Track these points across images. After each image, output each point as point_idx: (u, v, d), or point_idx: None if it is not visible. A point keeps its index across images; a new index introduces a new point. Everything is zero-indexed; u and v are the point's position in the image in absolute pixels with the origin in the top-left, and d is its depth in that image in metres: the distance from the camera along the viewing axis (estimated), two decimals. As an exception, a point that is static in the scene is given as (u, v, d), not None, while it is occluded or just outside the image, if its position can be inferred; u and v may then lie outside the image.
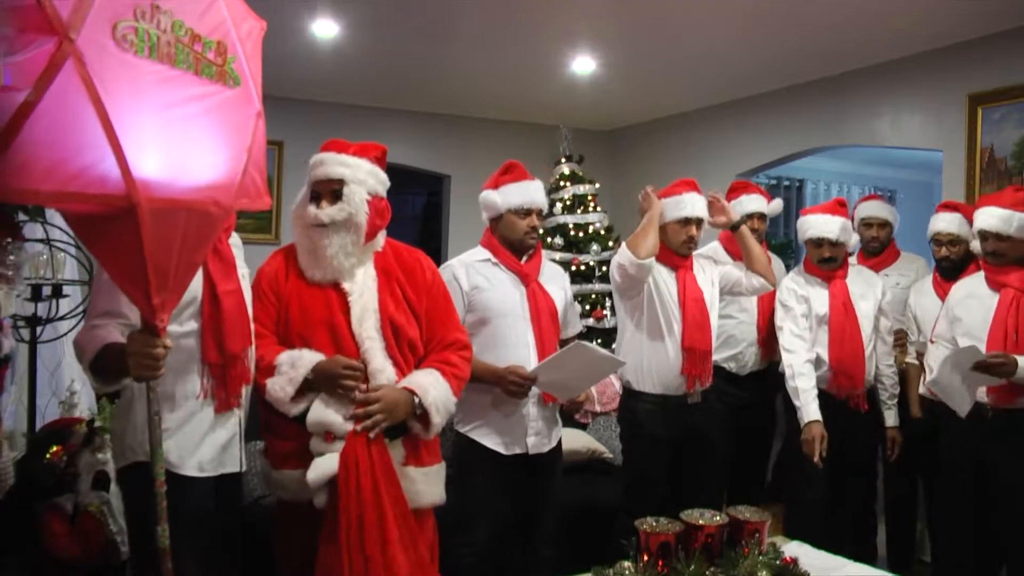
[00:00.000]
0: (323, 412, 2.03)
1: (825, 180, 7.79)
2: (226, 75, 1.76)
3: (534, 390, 2.65)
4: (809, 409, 3.07)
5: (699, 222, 3.01)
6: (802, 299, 3.25)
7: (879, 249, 3.69)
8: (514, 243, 2.74)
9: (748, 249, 3.17)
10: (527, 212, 2.72)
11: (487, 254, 2.75)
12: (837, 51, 4.40)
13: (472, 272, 2.71)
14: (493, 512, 2.64)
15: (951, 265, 3.32)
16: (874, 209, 3.70)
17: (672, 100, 5.78)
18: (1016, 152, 3.86)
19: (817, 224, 3.22)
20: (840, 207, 3.28)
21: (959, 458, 2.97)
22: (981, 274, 3.03)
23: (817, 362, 3.21)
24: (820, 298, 3.26)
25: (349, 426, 2.01)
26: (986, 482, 2.88)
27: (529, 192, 2.73)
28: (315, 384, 2.05)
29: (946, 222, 3.32)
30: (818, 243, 3.24)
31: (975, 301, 2.96)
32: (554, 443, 2.77)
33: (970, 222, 3.20)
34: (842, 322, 3.20)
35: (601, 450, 4.04)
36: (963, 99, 4.08)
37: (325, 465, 1.98)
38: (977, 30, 3.95)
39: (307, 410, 2.03)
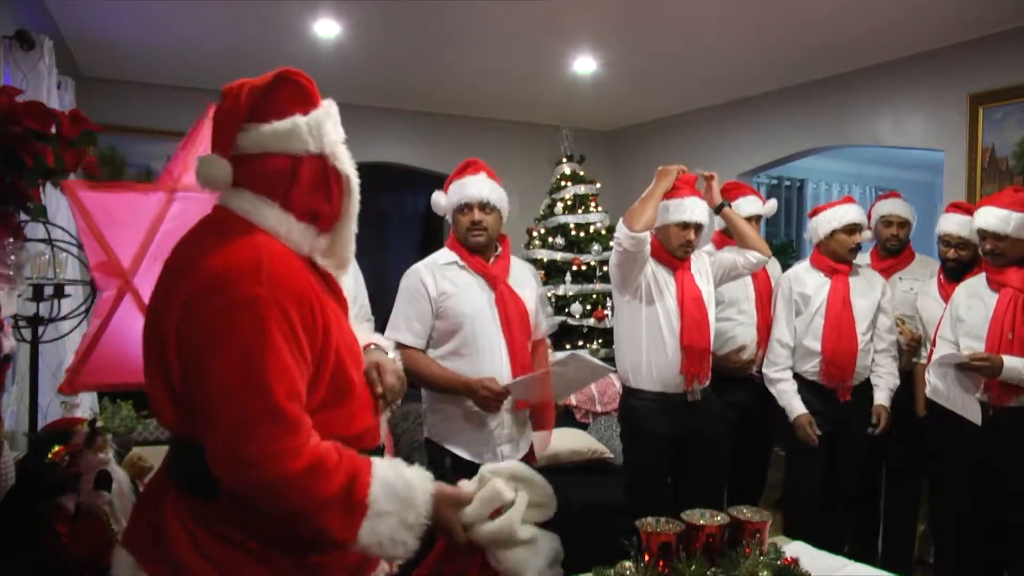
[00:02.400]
0: None
1: (826, 180, 7.79)
2: None
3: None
4: (793, 405, 3.27)
5: (698, 227, 3.02)
6: (795, 302, 3.35)
7: (897, 248, 3.65)
8: (460, 242, 2.67)
9: (736, 228, 3.20)
10: (468, 207, 2.62)
11: (453, 256, 2.67)
12: (838, 51, 4.40)
13: (439, 276, 2.62)
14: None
15: (957, 267, 3.31)
16: (895, 207, 3.66)
17: (673, 100, 5.79)
18: (1017, 152, 3.86)
19: (851, 212, 3.32)
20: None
21: (963, 458, 2.97)
22: (983, 274, 3.05)
23: (810, 353, 3.29)
24: (821, 291, 3.32)
25: None
26: (991, 481, 2.89)
27: (465, 187, 2.63)
28: None
29: (956, 224, 3.27)
30: (852, 230, 3.31)
31: (977, 301, 2.99)
32: (526, 449, 2.73)
33: None
34: (839, 315, 3.26)
35: (601, 450, 4.04)
36: (964, 99, 4.09)
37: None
38: (978, 30, 3.96)
39: None
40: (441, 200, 2.71)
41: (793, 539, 2.49)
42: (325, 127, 1.37)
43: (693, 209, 2.98)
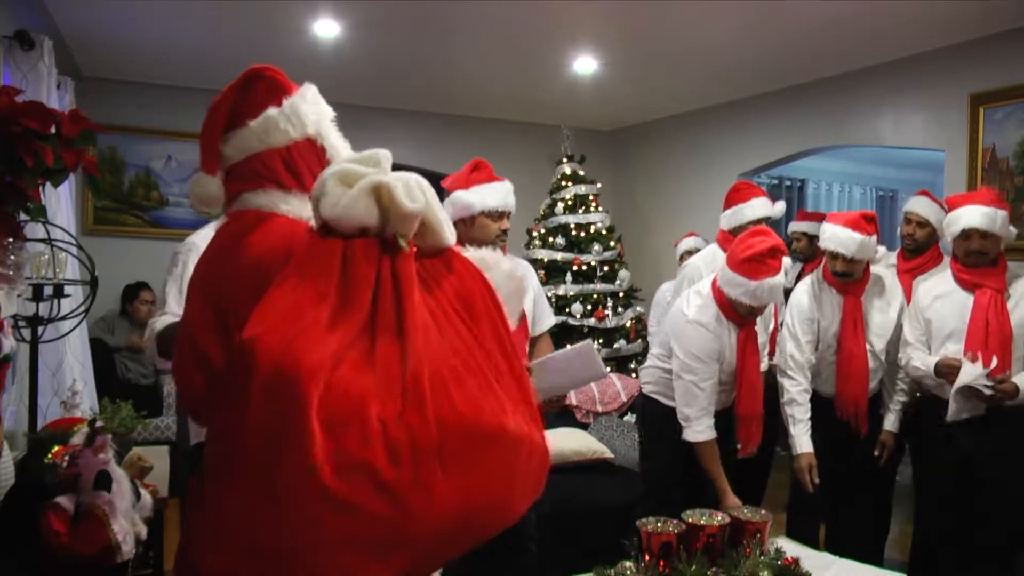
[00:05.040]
0: None
1: (827, 180, 7.78)
2: None
3: None
4: (801, 441, 3.02)
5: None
6: (812, 320, 3.14)
7: (913, 248, 3.50)
8: (483, 246, 2.64)
9: None
10: (500, 215, 2.62)
11: None
12: (838, 51, 4.40)
13: None
14: None
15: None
16: (915, 204, 3.54)
17: (674, 100, 5.78)
18: (1018, 152, 3.85)
19: (835, 238, 3.07)
20: (866, 223, 3.06)
21: (943, 458, 2.95)
22: (947, 274, 3.00)
23: (829, 377, 3.18)
24: (833, 310, 3.16)
25: None
26: (969, 481, 2.89)
27: (503, 193, 2.62)
28: None
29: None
30: (834, 255, 3.10)
31: (944, 302, 2.95)
32: None
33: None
34: (850, 346, 3.12)
35: (602, 450, 4.04)
36: (965, 99, 4.08)
37: None
38: (979, 30, 3.95)
39: None
40: (471, 199, 2.59)
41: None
42: (301, 110, 1.37)
43: (770, 291, 2.71)
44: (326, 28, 4.16)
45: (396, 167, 1.37)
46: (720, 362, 2.80)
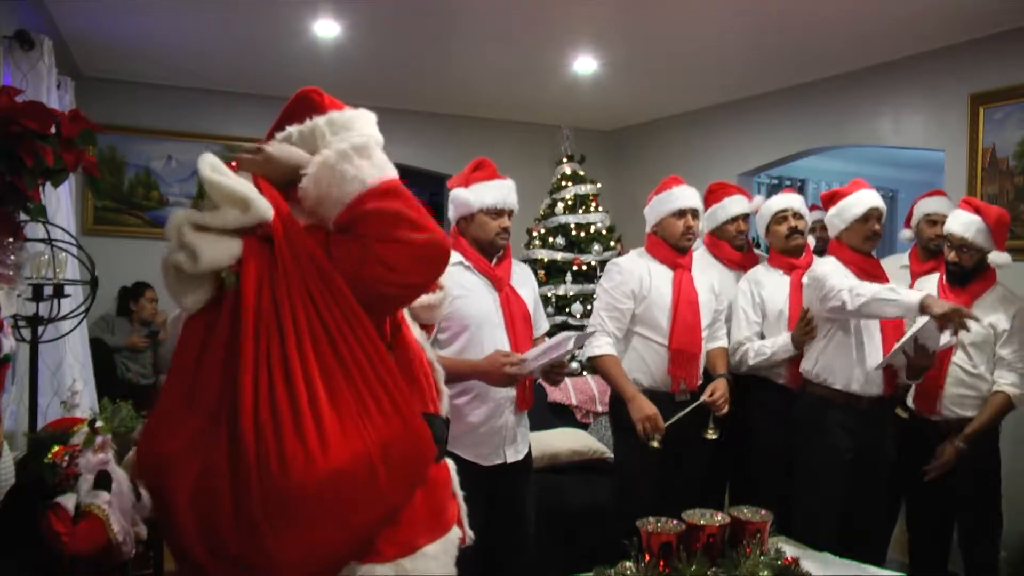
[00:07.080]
0: None
1: (826, 180, 7.79)
2: None
3: (510, 397, 2.61)
4: (778, 342, 3.20)
5: (694, 212, 3.03)
6: (757, 307, 3.26)
7: (960, 274, 3.06)
8: (484, 245, 2.63)
9: None
10: (499, 212, 2.61)
11: (458, 257, 2.59)
12: (838, 51, 4.40)
13: (448, 278, 2.61)
14: (478, 522, 2.59)
15: (959, 271, 3.03)
16: (940, 206, 3.37)
17: (674, 100, 5.78)
18: (1018, 152, 3.85)
19: (780, 199, 3.43)
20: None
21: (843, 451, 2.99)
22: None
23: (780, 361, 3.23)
24: (779, 291, 3.24)
25: None
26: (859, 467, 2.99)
27: (503, 191, 2.62)
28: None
29: (962, 225, 2.96)
30: (782, 218, 3.37)
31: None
32: (525, 450, 2.73)
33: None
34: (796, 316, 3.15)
35: (601, 450, 4.04)
36: (965, 99, 4.08)
37: None
38: (979, 30, 3.95)
39: None
40: (468, 197, 2.61)
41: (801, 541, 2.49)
42: (304, 136, 1.47)
43: (685, 197, 3.01)
44: (326, 28, 4.17)
45: (396, 168, 1.40)
46: (634, 299, 3.00)
